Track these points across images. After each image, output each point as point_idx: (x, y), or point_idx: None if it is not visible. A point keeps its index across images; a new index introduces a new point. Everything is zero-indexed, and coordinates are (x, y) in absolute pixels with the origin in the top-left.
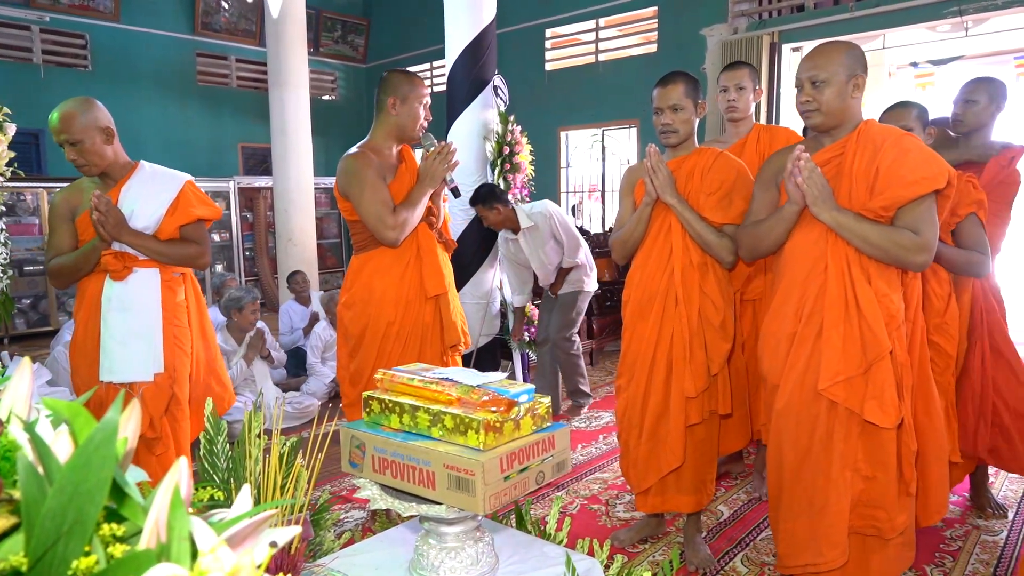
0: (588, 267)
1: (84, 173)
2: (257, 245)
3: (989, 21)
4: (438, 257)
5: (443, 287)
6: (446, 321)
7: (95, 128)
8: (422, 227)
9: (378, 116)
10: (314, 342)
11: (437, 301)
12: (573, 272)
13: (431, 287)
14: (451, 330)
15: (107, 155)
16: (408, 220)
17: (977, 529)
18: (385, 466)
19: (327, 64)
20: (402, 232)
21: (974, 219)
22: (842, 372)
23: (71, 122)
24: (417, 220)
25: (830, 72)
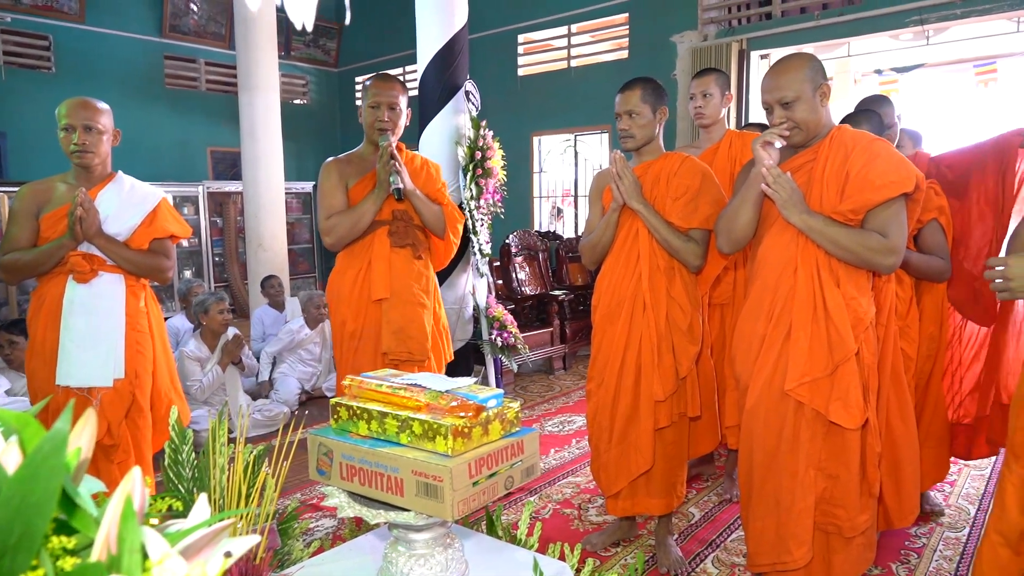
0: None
1: (77, 161)
2: (227, 250)
3: (949, 30)
4: (387, 263)
5: (384, 292)
6: (383, 327)
7: (112, 127)
8: (379, 232)
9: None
10: (283, 336)
11: (380, 306)
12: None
13: (374, 291)
14: (387, 338)
15: (106, 156)
16: (338, 225)
17: (941, 527)
18: (353, 473)
19: (298, 68)
20: (333, 237)
21: (936, 225)
22: (808, 373)
23: (102, 112)
24: (356, 224)
25: (796, 89)
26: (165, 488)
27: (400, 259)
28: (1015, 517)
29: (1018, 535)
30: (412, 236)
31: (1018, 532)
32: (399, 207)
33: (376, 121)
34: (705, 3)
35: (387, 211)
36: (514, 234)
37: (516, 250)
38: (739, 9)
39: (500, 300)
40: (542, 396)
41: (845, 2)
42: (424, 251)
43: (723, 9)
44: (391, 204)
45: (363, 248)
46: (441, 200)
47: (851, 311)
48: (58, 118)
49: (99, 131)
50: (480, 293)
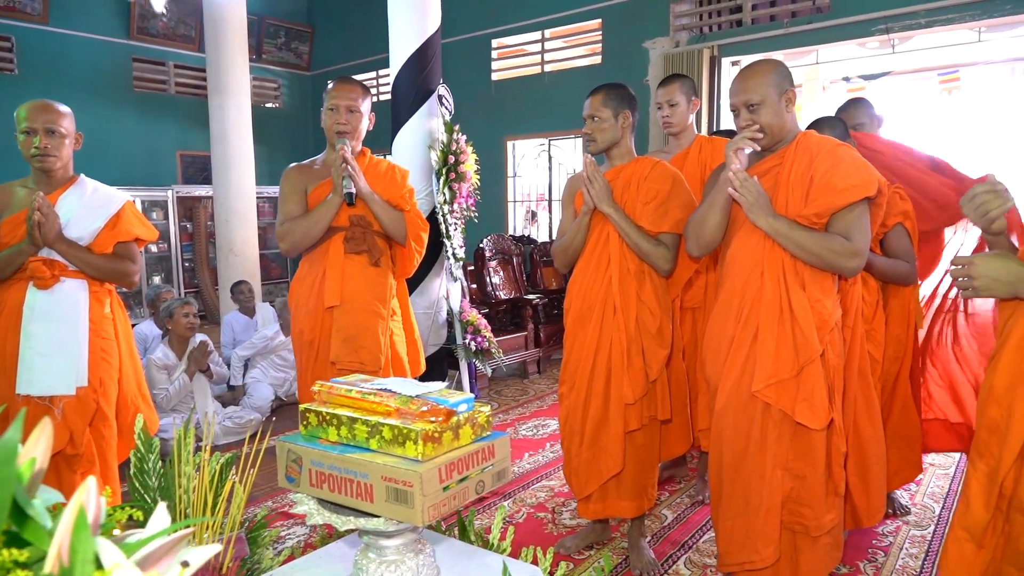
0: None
1: (38, 165)
2: (197, 256)
3: (914, 39)
4: (340, 270)
5: (335, 299)
6: (333, 336)
7: (74, 131)
8: (335, 238)
9: None
10: (256, 341)
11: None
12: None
13: (326, 298)
14: (335, 346)
15: (68, 159)
16: (292, 230)
17: (907, 525)
18: (323, 480)
19: (270, 71)
20: (287, 242)
21: (901, 229)
22: (774, 375)
23: (63, 115)
24: (310, 230)
25: (762, 93)
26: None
27: (354, 266)
28: (979, 512)
29: (982, 530)
30: (369, 242)
31: (982, 527)
32: (356, 212)
33: (334, 124)
34: (677, 10)
35: (344, 217)
36: (488, 238)
37: (490, 254)
38: (710, 16)
39: (474, 304)
40: (516, 400)
41: (813, 10)
42: (383, 258)
43: (694, 16)
44: (348, 209)
45: (320, 254)
46: (403, 206)
47: (816, 313)
48: (17, 121)
49: (61, 135)
50: (454, 297)
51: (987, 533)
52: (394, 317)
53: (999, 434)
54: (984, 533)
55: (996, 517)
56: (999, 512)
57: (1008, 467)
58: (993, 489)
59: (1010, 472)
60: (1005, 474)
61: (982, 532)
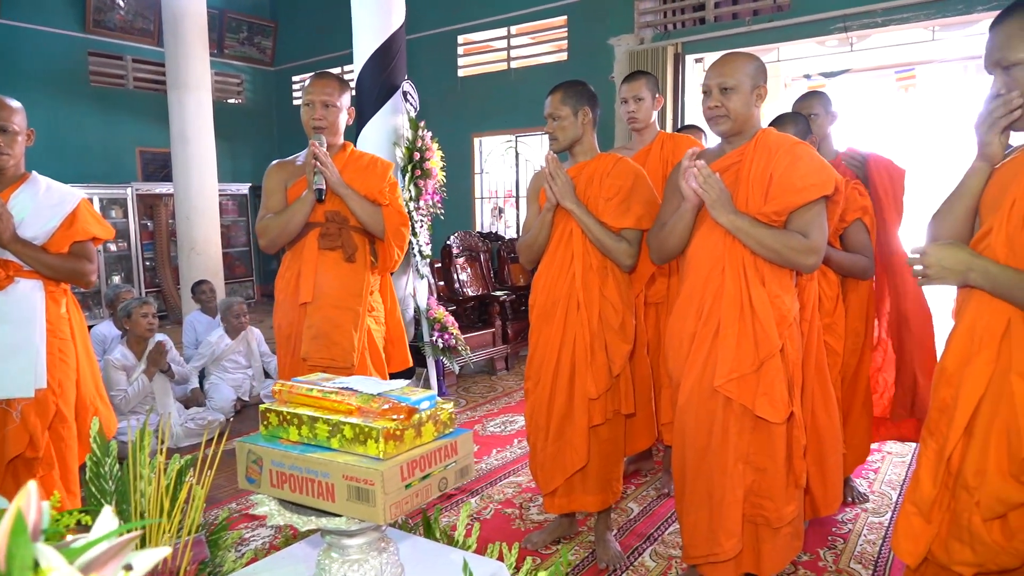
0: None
1: None
2: (158, 255)
3: (871, 37)
4: (314, 266)
5: (307, 295)
6: (304, 332)
7: (26, 127)
8: (311, 234)
9: None
10: (202, 349)
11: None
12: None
13: (299, 294)
14: (306, 342)
15: (20, 157)
16: (270, 226)
17: (865, 512)
18: (283, 480)
19: (232, 66)
20: (265, 238)
21: (860, 224)
22: (736, 369)
23: (15, 111)
24: (287, 226)
25: (737, 80)
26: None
27: (328, 262)
28: (927, 488)
29: (930, 505)
30: (344, 238)
31: (930, 503)
32: (331, 208)
33: (311, 120)
34: (641, 7)
35: (320, 213)
36: (455, 235)
37: (457, 251)
38: (674, 14)
39: (441, 301)
40: (484, 397)
41: (774, 9)
42: (359, 254)
43: (659, 13)
44: (324, 205)
45: (297, 251)
46: (381, 200)
47: (775, 309)
48: None
49: (13, 131)
50: (420, 295)
51: (934, 508)
52: (372, 313)
53: (948, 413)
54: (932, 508)
55: (943, 493)
56: (946, 489)
57: (954, 445)
58: (940, 466)
59: (956, 450)
60: (951, 452)
61: (930, 507)
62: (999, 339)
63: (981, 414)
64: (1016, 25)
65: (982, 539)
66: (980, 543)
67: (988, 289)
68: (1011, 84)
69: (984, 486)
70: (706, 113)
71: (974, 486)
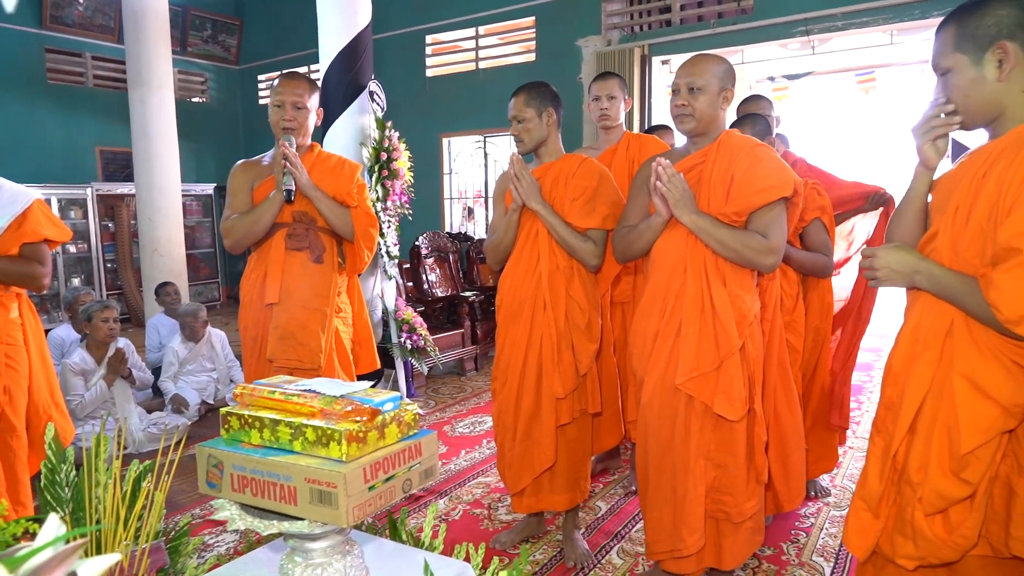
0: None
1: None
2: (120, 256)
3: (832, 41)
4: (281, 266)
5: (274, 296)
6: (270, 333)
7: None
8: (278, 235)
9: None
10: (169, 359)
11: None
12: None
13: (266, 295)
14: (272, 343)
15: None
16: (236, 226)
17: (827, 506)
18: (245, 484)
19: (196, 64)
20: (231, 239)
21: (819, 224)
22: (696, 368)
23: None
24: (254, 226)
25: (706, 81)
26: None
27: (296, 263)
28: (874, 484)
29: (877, 500)
30: (311, 239)
31: (877, 498)
32: (299, 209)
33: (280, 120)
34: (608, 9)
35: (287, 213)
36: (424, 236)
37: (426, 252)
38: (641, 16)
39: (410, 302)
40: (453, 398)
41: (738, 12)
42: (327, 255)
43: (625, 15)
44: (291, 206)
45: (263, 251)
46: (350, 202)
47: (736, 308)
48: None
49: None
50: (388, 296)
51: (881, 504)
52: (340, 314)
53: (894, 411)
54: (879, 504)
55: (890, 489)
56: (892, 484)
57: (899, 442)
58: (887, 463)
59: (901, 447)
60: (896, 448)
61: (877, 503)
62: (942, 339)
63: (925, 412)
64: (949, 32)
65: (923, 533)
66: (922, 537)
67: (932, 291)
68: (946, 90)
69: (926, 482)
70: (673, 111)
71: (917, 482)
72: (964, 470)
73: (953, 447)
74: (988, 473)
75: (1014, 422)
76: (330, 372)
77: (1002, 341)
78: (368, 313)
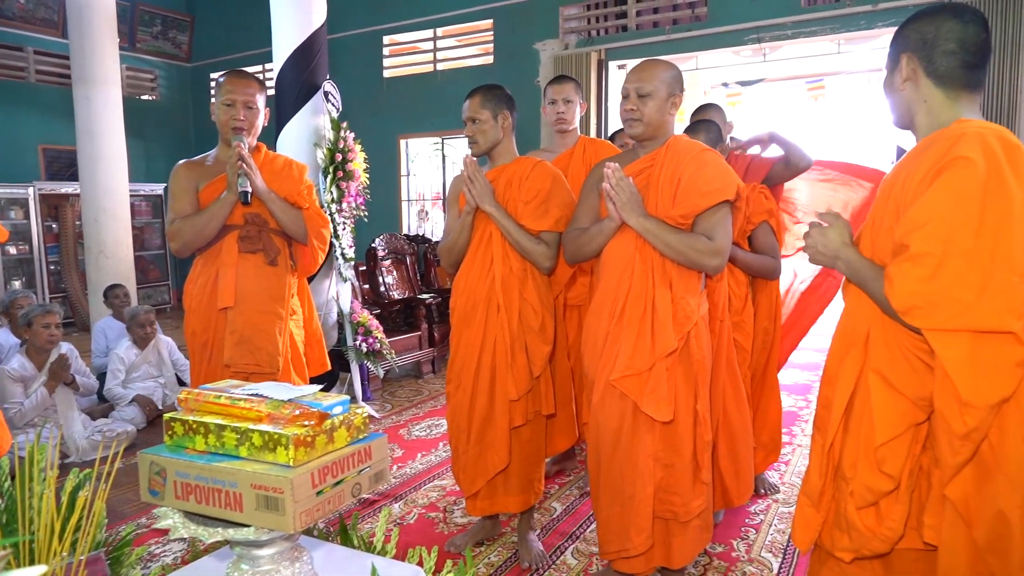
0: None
1: None
2: (64, 258)
3: (782, 49)
4: (234, 269)
5: (229, 300)
6: (227, 337)
7: None
8: (229, 237)
9: None
10: (114, 365)
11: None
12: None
13: (219, 299)
14: (229, 348)
15: None
16: (183, 229)
17: (776, 503)
18: (188, 491)
19: (145, 61)
20: (178, 242)
21: (766, 227)
22: (631, 367)
23: None
24: (203, 229)
25: (654, 86)
26: None
27: (249, 265)
28: (815, 480)
29: (818, 495)
30: (265, 241)
31: (818, 493)
32: (251, 210)
33: (231, 120)
34: (566, 13)
35: (238, 215)
36: (381, 238)
37: (383, 254)
38: (598, 20)
39: (367, 305)
40: (410, 401)
41: (693, 19)
42: (279, 256)
43: (583, 20)
44: (243, 207)
45: (214, 254)
46: (302, 204)
47: (680, 309)
48: None
49: None
50: (344, 299)
51: (822, 499)
52: (293, 316)
53: (829, 409)
54: (820, 499)
55: (828, 484)
56: (830, 480)
57: (832, 439)
58: (825, 459)
59: (835, 443)
60: (832, 445)
61: (818, 498)
62: (864, 341)
63: (854, 410)
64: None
65: (856, 526)
66: (855, 530)
67: (848, 277)
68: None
69: (856, 476)
70: (622, 115)
71: (849, 477)
72: (883, 463)
73: (871, 441)
74: (908, 466)
75: (922, 415)
76: (286, 375)
77: (909, 337)
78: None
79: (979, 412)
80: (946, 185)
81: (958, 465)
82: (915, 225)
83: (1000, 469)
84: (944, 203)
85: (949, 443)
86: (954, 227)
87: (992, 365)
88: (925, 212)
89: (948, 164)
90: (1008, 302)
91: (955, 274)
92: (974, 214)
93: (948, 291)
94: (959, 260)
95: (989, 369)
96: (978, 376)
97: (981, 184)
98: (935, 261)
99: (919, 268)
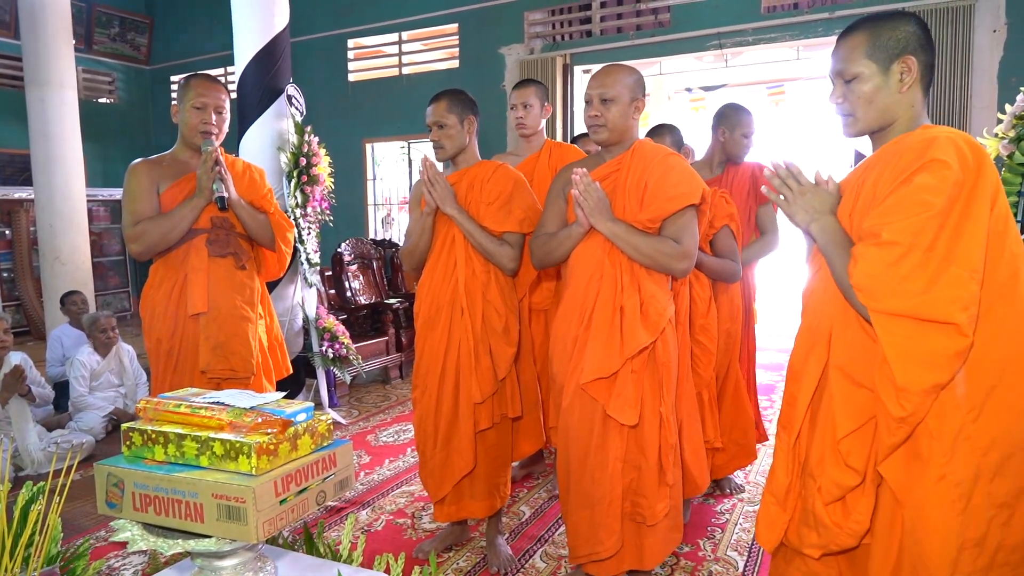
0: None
1: None
2: (18, 265)
3: (744, 54)
4: (205, 274)
5: (202, 306)
6: (202, 343)
7: None
8: (197, 241)
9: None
10: (78, 372)
11: (198, 321)
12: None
13: (191, 304)
14: (205, 354)
15: None
16: (148, 232)
17: (742, 502)
18: (147, 503)
19: (103, 63)
20: (141, 245)
21: (727, 231)
22: (599, 371)
23: None
24: (170, 232)
25: (616, 92)
26: None
27: (220, 269)
28: (781, 478)
29: (784, 494)
30: (234, 245)
31: (784, 491)
32: (217, 214)
33: (201, 124)
34: (531, 18)
35: (205, 218)
36: (347, 242)
37: (349, 259)
38: (562, 25)
39: (333, 310)
40: (378, 406)
41: (656, 24)
42: (248, 261)
43: (548, 25)
44: (211, 211)
45: (179, 258)
46: (267, 208)
47: (652, 307)
48: None
49: None
50: (309, 304)
51: (788, 497)
52: (261, 319)
53: (794, 407)
54: (786, 497)
55: (795, 482)
56: (796, 477)
57: (797, 435)
58: (791, 456)
59: (802, 440)
60: (797, 441)
61: (784, 496)
62: (828, 337)
63: (820, 407)
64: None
65: (823, 522)
66: (822, 525)
67: (819, 243)
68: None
69: (824, 472)
70: (587, 121)
71: (817, 473)
72: (848, 456)
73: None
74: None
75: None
76: (257, 380)
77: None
78: (288, 321)
79: (914, 397)
80: (922, 184)
81: (892, 446)
82: (889, 217)
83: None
84: (918, 200)
85: (887, 425)
86: (923, 223)
87: (930, 352)
88: (901, 206)
89: (924, 166)
90: (955, 294)
91: (914, 265)
92: (941, 212)
93: (904, 279)
94: (920, 253)
95: (926, 356)
96: (913, 362)
97: (952, 185)
98: (901, 251)
99: (885, 253)
